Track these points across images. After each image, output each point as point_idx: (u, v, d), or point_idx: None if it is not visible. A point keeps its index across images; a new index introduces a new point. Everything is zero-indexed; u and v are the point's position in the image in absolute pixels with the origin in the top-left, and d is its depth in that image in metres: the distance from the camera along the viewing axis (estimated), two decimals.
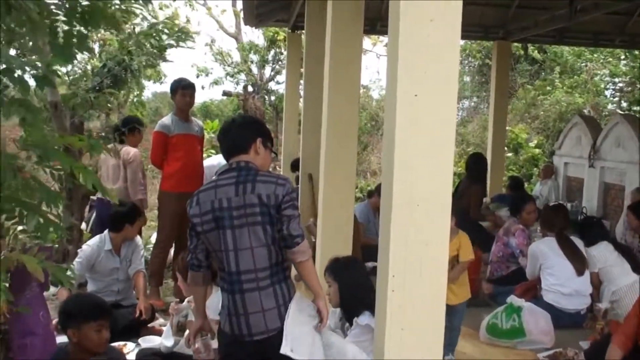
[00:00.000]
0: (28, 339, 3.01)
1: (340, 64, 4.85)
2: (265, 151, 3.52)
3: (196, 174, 7.18)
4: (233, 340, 3.40)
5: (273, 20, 9.92)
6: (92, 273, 6.10)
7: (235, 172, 3.39)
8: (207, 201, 3.39)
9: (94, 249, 6.08)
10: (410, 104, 2.65)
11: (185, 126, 7.11)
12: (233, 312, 3.36)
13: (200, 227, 3.41)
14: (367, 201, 8.41)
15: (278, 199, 3.27)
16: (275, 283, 3.34)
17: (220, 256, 3.39)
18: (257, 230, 3.30)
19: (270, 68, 18.34)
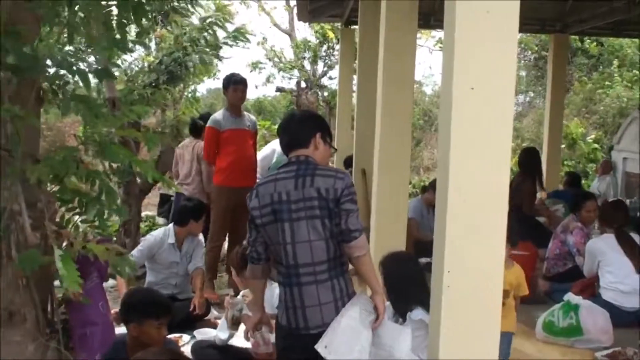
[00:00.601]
0: (88, 329, 3.06)
1: (394, 59, 4.82)
2: (325, 146, 3.52)
3: (248, 169, 7.24)
4: (290, 333, 3.41)
5: (326, 15, 9.92)
6: (152, 264, 6.20)
7: (295, 166, 3.40)
8: (267, 194, 3.40)
9: (157, 240, 6.17)
10: (466, 98, 2.62)
11: (236, 121, 7.16)
12: (290, 305, 3.37)
13: (260, 219, 3.43)
14: (421, 197, 8.36)
15: (337, 192, 3.26)
16: (333, 277, 3.33)
17: (278, 249, 3.39)
18: (316, 223, 3.29)
19: (323, 63, 18.35)
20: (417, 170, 18.29)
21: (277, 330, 3.55)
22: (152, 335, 3.73)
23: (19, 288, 2.85)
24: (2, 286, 2.84)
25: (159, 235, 6.23)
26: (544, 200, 8.84)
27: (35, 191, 2.86)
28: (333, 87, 18.35)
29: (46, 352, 2.98)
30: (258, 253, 3.57)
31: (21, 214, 2.75)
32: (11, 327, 2.87)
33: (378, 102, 4.97)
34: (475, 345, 2.77)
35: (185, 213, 6.28)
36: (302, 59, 18.32)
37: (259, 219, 3.43)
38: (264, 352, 4.04)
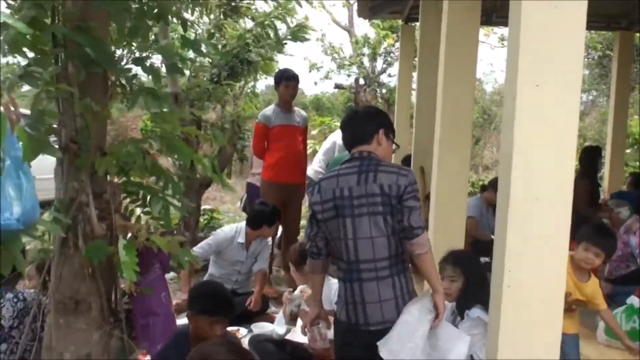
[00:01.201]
0: (150, 319, 3.12)
1: (455, 56, 4.78)
2: (387, 142, 3.50)
3: (297, 165, 7.26)
4: (349, 329, 3.40)
5: (386, 12, 9.86)
6: (217, 258, 6.26)
7: (357, 162, 3.39)
8: (329, 189, 3.40)
9: (228, 237, 6.24)
10: (531, 95, 2.59)
11: (286, 117, 7.18)
12: (350, 301, 3.37)
13: (321, 214, 3.43)
14: (480, 195, 8.26)
15: (400, 189, 3.24)
16: (394, 274, 3.32)
17: (339, 245, 3.39)
18: (378, 220, 3.28)
19: (382, 60, 18.29)
20: (475, 169, 18.12)
21: (336, 325, 3.55)
22: (204, 330, 3.74)
23: (85, 278, 2.91)
24: (69, 276, 2.92)
25: (230, 233, 6.29)
26: (607, 201, 8.66)
27: (102, 183, 2.93)
28: (392, 84, 18.28)
29: (110, 340, 3.04)
30: (318, 248, 3.58)
31: (88, 205, 2.82)
32: (77, 315, 2.94)
33: (438, 99, 4.93)
34: (535, 346, 2.74)
35: (260, 217, 6.28)
36: (361, 55, 18.28)
37: (321, 214, 3.44)
38: (320, 348, 4.06)
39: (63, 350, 2.95)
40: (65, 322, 2.95)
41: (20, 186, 2.06)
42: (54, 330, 2.96)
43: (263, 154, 7.27)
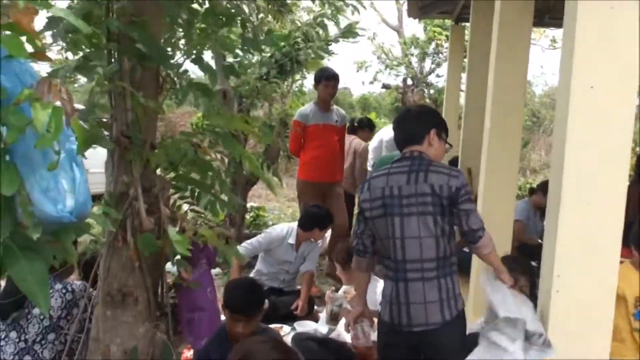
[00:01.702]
0: (196, 314, 3.13)
1: (507, 57, 4.72)
2: (439, 142, 3.48)
3: (333, 164, 7.23)
4: (392, 330, 3.39)
5: (437, 12, 9.80)
6: (266, 255, 6.25)
7: (408, 161, 3.38)
8: (378, 187, 3.39)
9: (279, 237, 6.21)
10: (585, 97, 2.55)
11: (323, 116, 7.17)
12: (395, 301, 3.35)
13: (369, 212, 3.43)
14: (528, 199, 8.16)
15: (451, 190, 3.22)
16: (441, 276, 3.29)
17: (386, 243, 3.38)
18: (427, 220, 3.26)
19: (431, 61, 18.18)
20: (523, 172, 17.90)
21: (380, 325, 3.54)
22: (229, 325, 3.76)
23: (133, 271, 2.95)
24: (117, 268, 2.96)
25: (281, 232, 6.26)
26: None
27: (151, 177, 2.96)
28: (440, 85, 18.18)
29: (155, 334, 3.07)
30: (364, 246, 3.58)
31: (138, 199, 2.85)
32: (124, 308, 2.98)
33: (488, 101, 4.88)
34: (585, 352, 2.70)
35: (312, 220, 6.21)
36: (409, 55, 18.20)
37: (369, 211, 3.43)
38: (363, 346, 4.05)
39: (109, 342, 2.98)
40: (113, 315, 2.98)
41: (74, 179, 2.09)
42: (101, 323, 2.99)
43: (298, 152, 7.28)
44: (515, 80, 4.75)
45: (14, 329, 3.61)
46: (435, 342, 3.28)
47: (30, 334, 3.59)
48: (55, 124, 1.78)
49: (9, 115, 1.81)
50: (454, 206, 3.24)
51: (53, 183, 2.02)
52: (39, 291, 1.97)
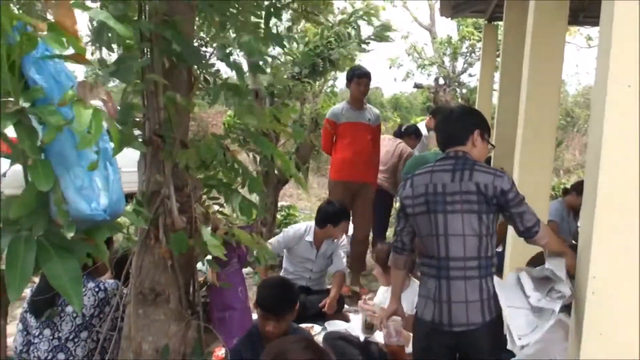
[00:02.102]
0: (227, 313, 3.14)
1: (541, 57, 4.67)
2: (482, 143, 3.48)
3: (364, 164, 7.16)
4: (432, 329, 3.37)
5: (469, 11, 9.73)
6: (289, 254, 6.28)
7: (452, 160, 3.38)
8: (421, 184, 3.40)
9: (297, 235, 6.24)
10: (621, 96, 2.50)
11: (355, 115, 7.13)
12: (436, 299, 3.33)
13: (411, 209, 3.43)
14: (562, 199, 8.08)
15: (497, 190, 3.21)
16: (483, 276, 3.27)
17: (428, 241, 3.38)
18: (472, 218, 3.25)
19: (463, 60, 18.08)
20: (556, 172, 17.73)
21: (417, 325, 3.52)
22: (260, 323, 3.78)
23: (165, 269, 2.96)
24: (149, 267, 2.97)
25: (299, 230, 6.29)
26: None
27: (183, 176, 2.97)
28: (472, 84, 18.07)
29: (187, 332, 3.08)
30: (403, 243, 3.59)
31: (170, 198, 2.86)
32: (156, 306, 2.99)
33: (522, 100, 4.83)
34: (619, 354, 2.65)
35: (324, 216, 6.21)
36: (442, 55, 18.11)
37: (411, 208, 3.44)
38: (395, 344, 4.03)
39: (141, 340, 3.00)
40: (145, 313, 3.00)
41: (107, 178, 2.10)
42: (133, 321, 3.01)
43: (329, 150, 7.28)
44: (549, 80, 4.70)
45: (47, 326, 3.65)
46: (474, 343, 3.26)
47: (63, 332, 3.62)
48: (96, 125, 1.79)
49: (47, 115, 1.82)
50: (506, 210, 3.24)
51: (87, 181, 2.04)
52: (72, 289, 1.98)
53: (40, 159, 1.94)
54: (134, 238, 3.13)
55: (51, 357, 3.61)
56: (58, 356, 3.61)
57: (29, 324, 3.73)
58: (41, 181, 1.88)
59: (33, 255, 1.95)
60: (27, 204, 1.98)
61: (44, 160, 1.95)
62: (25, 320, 3.76)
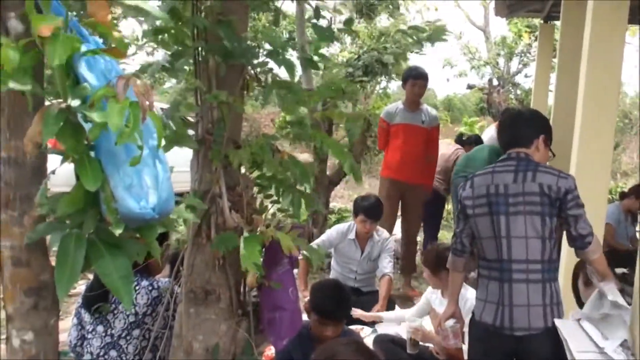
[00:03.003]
0: (277, 313, 3.12)
1: (599, 58, 4.56)
2: (545, 149, 3.45)
3: (414, 165, 7.07)
4: (491, 333, 3.31)
5: (525, 10, 9.57)
6: (335, 253, 6.25)
7: (514, 162, 3.34)
8: (483, 185, 3.36)
9: (339, 234, 6.19)
10: None
11: (409, 116, 7.07)
12: (498, 302, 3.28)
13: (471, 210, 3.40)
14: (619, 203, 7.90)
15: (560, 191, 3.16)
16: (546, 280, 3.21)
17: (488, 243, 3.34)
18: (535, 220, 3.20)
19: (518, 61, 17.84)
20: (613, 175, 17.39)
21: (474, 327, 3.47)
22: (316, 329, 3.81)
23: (216, 269, 2.96)
24: (201, 266, 2.97)
25: (342, 229, 6.25)
26: None
27: (235, 175, 2.96)
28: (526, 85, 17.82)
29: (237, 332, 3.07)
30: (462, 245, 3.55)
31: (221, 197, 2.86)
32: (206, 305, 2.99)
33: (579, 102, 4.72)
34: None
35: (357, 205, 6.16)
36: (496, 55, 17.90)
37: (471, 209, 3.40)
38: (452, 346, 3.97)
39: (192, 339, 3.00)
40: (196, 312, 3.00)
41: (157, 175, 2.09)
42: (184, 319, 3.02)
43: (384, 148, 7.26)
44: (608, 81, 4.59)
45: (101, 322, 3.68)
46: (534, 349, 3.19)
47: (116, 329, 3.65)
48: (133, 119, 1.79)
49: (90, 113, 1.82)
50: (563, 211, 3.18)
51: (136, 180, 2.03)
52: (122, 287, 1.99)
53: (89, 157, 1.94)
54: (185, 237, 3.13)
55: (103, 353, 3.64)
56: (110, 353, 3.64)
57: (83, 319, 3.77)
58: (89, 180, 1.89)
59: (83, 253, 1.97)
60: (76, 201, 1.99)
61: (92, 158, 1.95)
62: (79, 315, 3.80)
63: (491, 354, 3.33)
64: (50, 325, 2.23)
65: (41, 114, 1.83)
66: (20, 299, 2.14)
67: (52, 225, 2.04)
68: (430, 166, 7.40)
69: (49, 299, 2.19)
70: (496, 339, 3.28)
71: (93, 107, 1.82)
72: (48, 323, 2.22)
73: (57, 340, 2.32)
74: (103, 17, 1.86)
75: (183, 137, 2.77)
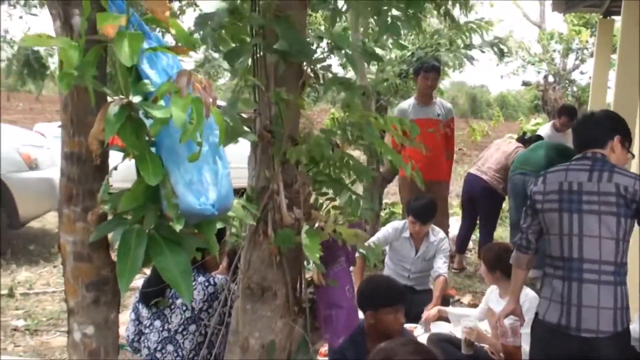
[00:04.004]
0: (334, 311, 3.11)
1: None
2: (622, 150, 3.37)
3: (433, 161, 6.91)
4: (555, 332, 3.25)
5: (583, 5, 9.41)
6: (390, 250, 6.19)
7: (589, 161, 3.29)
8: (555, 182, 3.31)
9: (395, 231, 6.13)
10: None
11: (423, 110, 6.97)
12: (565, 301, 3.22)
13: (541, 204, 3.35)
14: None
15: (637, 194, 3.10)
16: (618, 283, 3.15)
17: (557, 240, 3.28)
18: (610, 220, 3.14)
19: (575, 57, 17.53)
20: None
21: (537, 327, 3.42)
22: (389, 322, 3.80)
23: (273, 265, 2.95)
24: (258, 262, 2.97)
25: (397, 227, 6.17)
26: None
27: (292, 172, 2.95)
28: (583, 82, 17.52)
29: (293, 329, 3.07)
30: (528, 242, 3.50)
31: (279, 194, 2.85)
32: (263, 302, 2.98)
33: None
34: None
35: (408, 208, 6.11)
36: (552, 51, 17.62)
37: (540, 204, 3.35)
38: (511, 344, 3.91)
39: (248, 335, 3.00)
40: (252, 308, 3.00)
41: (216, 172, 2.10)
42: (240, 316, 3.02)
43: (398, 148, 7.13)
44: None
45: (158, 317, 3.71)
46: (602, 353, 3.12)
47: (173, 324, 3.67)
48: (197, 115, 1.79)
49: (153, 109, 1.83)
50: (637, 213, 3.12)
51: (197, 176, 2.04)
52: (182, 282, 2.00)
53: (150, 153, 1.96)
54: (242, 233, 3.14)
55: (160, 347, 3.67)
56: (167, 347, 3.67)
57: (141, 314, 3.81)
58: (150, 175, 1.90)
59: (143, 248, 1.98)
60: (137, 197, 2.00)
61: (153, 154, 1.97)
62: (137, 310, 3.84)
63: (553, 354, 3.27)
64: (111, 319, 2.26)
65: (104, 111, 1.85)
66: (81, 293, 2.17)
67: (115, 222, 2.07)
68: (449, 162, 7.28)
69: (109, 293, 2.21)
70: (560, 340, 3.22)
71: (156, 103, 1.83)
72: (108, 317, 2.25)
73: (117, 334, 2.35)
74: (162, 14, 1.86)
75: (239, 131, 2.77)
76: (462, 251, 8.00)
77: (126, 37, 1.73)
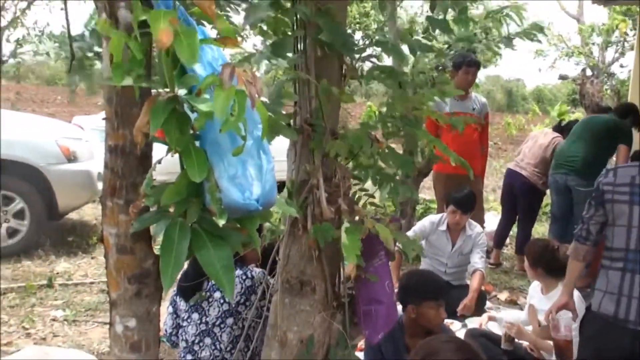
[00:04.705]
0: (373, 306, 3.09)
1: None
2: None
3: (468, 155, 6.76)
4: (610, 325, 3.21)
5: None
6: (427, 244, 6.13)
7: None
8: (627, 175, 3.30)
9: (431, 224, 6.07)
10: None
11: (460, 104, 6.91)
12: (623, 293, 3.18)
13: (610, 195, 3.31)
14: None
15: None
16: None
17: (619, 231, 3.25)
18: None
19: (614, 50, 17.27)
20: None
21: (590, 321, 3.38)
22: (431, 317, 3.78)
23: (312, 260, 2.94)
24: (297, 256, 2.96)
25: (434, 220, 6.12)
26: None
27: (332, 166, 2.93)
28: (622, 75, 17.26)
29: (331, 324, 3.06)
30: (589, 232, 3.46)
31: (319, 188, 2.84)
32: (301, 296, 2.98)
33: None
34: None
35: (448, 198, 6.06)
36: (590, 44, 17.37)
37: (609, 194, 3.32)
38: (562, 338, 3.86)
39: (287, 329, 3.00)
40: (291, 302, 2.99)
41: (260, 167, 2.08)
42: (279, 310, 3.01)
43: None
44: None
45: (196, 310, 3.73)
46: None
47: (210, 317, 3.69)
48: (239, 107, 1.77)
49: (198, 102, 1.82)
50: None
51: (241, 170, 2.03)
52: (224, 277, 1.99)
53: (195, 147, 1.95)
54: (279, 227, 3.13)
55: (198, 340, 3.69)
56: (205, 340, 3.69)
57: (178, 307, 3.83)
58: (194, 171, 1.89)
59: (187, 243, 1.98)
60: (180, 191, 2.00)
61: (198, 149, 1.96)
62: (175, 303, 3.86)
63: (606, 351, 3.22)
64: (152, 312, 2.26)
65: (149, 104, 1.85)
66: (124, 286, 2.17)
67: (157, 214, 2.06)
68: (483, 157, 7.22)
69: (151, 286, 2.21)
70: (615, 333, 3.18)
71: (200, 95, 1.82)
72: (150, 310, 2.25)
73: (158, 327, 2.35)
74: (208, 7, 1.85)
75: (282, 127, 2.76)
76: (499, 246, 7.92)
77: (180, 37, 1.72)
